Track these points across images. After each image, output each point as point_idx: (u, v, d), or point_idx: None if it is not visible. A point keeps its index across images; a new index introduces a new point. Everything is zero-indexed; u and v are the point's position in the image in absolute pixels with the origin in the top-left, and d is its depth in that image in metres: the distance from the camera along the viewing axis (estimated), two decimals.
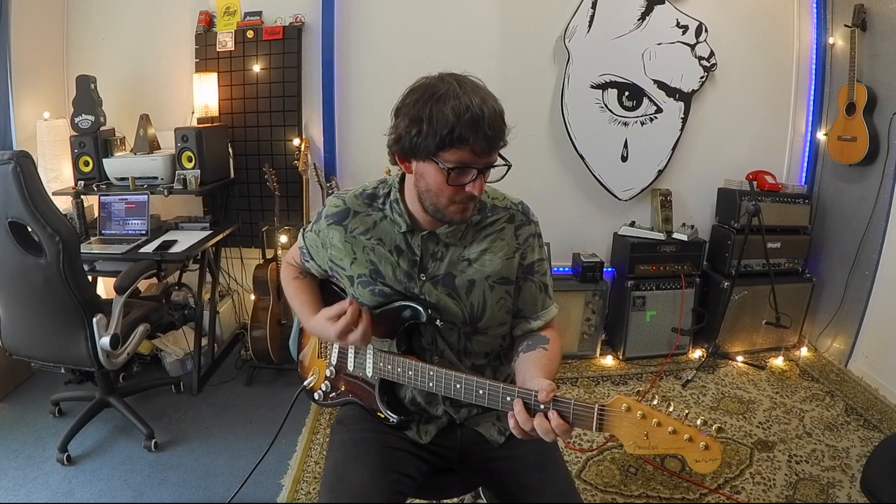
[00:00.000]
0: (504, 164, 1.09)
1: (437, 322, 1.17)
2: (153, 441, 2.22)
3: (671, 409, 0.91)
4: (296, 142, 2.90)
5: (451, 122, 0.99)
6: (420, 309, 1.15)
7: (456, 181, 1.05)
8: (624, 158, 2.99)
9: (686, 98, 2.93)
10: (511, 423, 1.00)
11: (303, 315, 1.31)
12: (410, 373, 1.16)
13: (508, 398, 1.02)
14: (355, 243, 1.22)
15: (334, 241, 1.24)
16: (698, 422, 0.89)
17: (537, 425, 0.96)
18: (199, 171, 2.66)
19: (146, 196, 2.64)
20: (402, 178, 1.19)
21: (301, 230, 1.37)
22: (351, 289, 1.25)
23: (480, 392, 1.06)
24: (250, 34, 2.88)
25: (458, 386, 1.09)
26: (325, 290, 1.39)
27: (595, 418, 0.94)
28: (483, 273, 1.18)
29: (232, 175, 3.01)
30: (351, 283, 1.24)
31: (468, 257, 1.19)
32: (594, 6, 2.81)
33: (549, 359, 1.15)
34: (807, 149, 3.11)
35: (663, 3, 2.82)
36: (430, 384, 1.13)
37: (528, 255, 1.22)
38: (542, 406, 0.97)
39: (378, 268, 1.20)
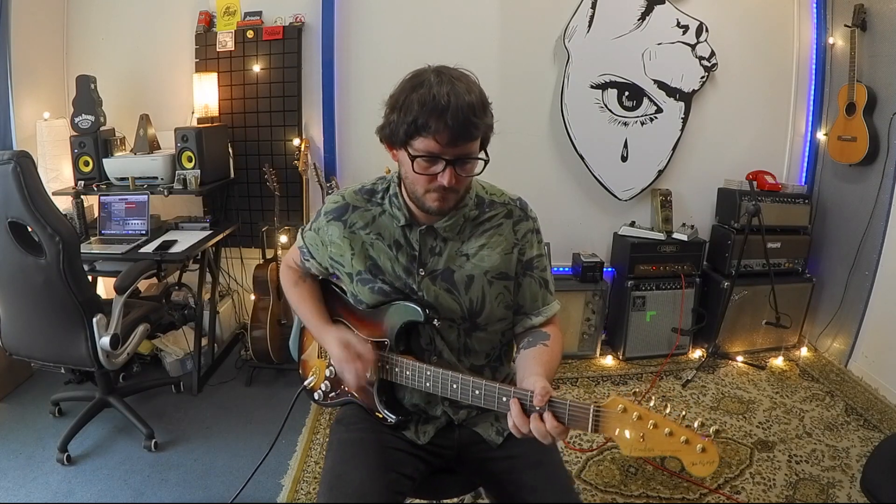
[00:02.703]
0: (481, 159, 1.09)
1: (435, 322, 1.17)
2: (153, 441, 2.22)
3: (668, 410, 0.90)
4: (296, 142, 2.90)
5: (416, 110, 1.01)
6: (418, 308, 1.15)
7: (425, 170, 1.06)
8: (624, 158, 2.99)
9: (686, 98, 2.93)
10: (509, 423, 1.00)
11: (313, 324, 1.30)
12: (408, 373, 1.16)
13: (504, 398, 1.02)
14: (354, 238, 1.22)
15: (333, 237, 1.24)
16: (696, 424, 0.88)
17: (534, 428, 0.96)
18: (199, 171, 2.66)
19: (146, 196, 2.64)
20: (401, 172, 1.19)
21: (300, 230, 1.37)
22: (350, 286, 1.25)
23: (477, 392, 1.06)
24: (250, 34, 2.88)
25: (454, 386, 1.09)
26: (325, 291, 1.39)
27: (591, 420, 0.93)
28: (481, 268, 1.18)
29: (232, 175, 3.01)
30: (350, 280, 1.24)
31: (466, 252, 1.19)
32: (594, 6, 2.81)
33: (550, 355, 1.15)
34: (807, 149, 3.11)
35: (663, 3, 2.82)
36: (428, 384, 1.13)
37: (527, 250, 1.22)
38: (537, 408, 0.97)
39: (377, 263, 1.20)
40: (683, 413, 0.90)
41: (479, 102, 1.04)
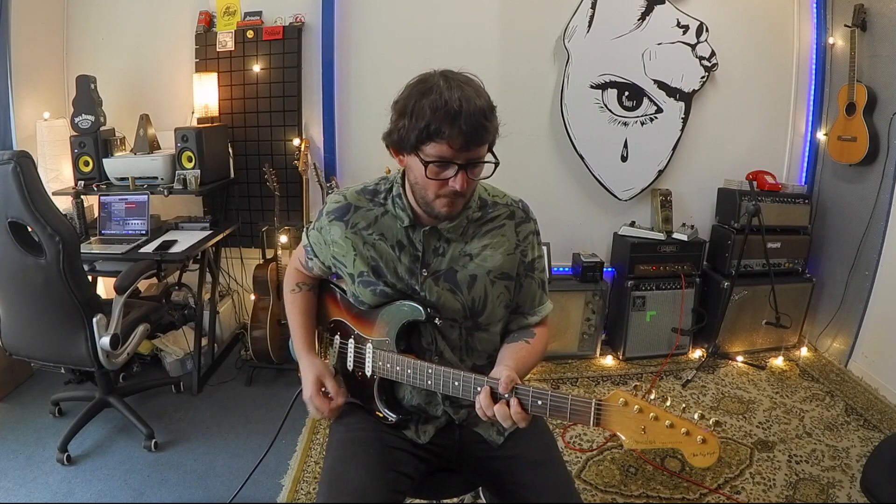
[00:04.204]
0: (491, 162, 1.10)
1: (437, 321, 1.17)
2: (153, 441, 2.22)
3: (668, 403, 0.91)
4: (296, 142, 2.90)
5: (428, 116, 1.01)
6: (419, 307, 1.16)
7: (436, 175, 1.07)
8: (624, 158, 2.99)
9: (686, 98, 2.93)
10: (476, 406, 1.06)
11: (296, 339, 1.34)
12: (409, 371, 1.16)
13: (479, 388, 1.06)
14: (356, 239, 1.22)
15: (335, 237, 1.24)
16: (695, 416, 0.89)
17: (497, 411, 1.02)
18: (199, 171, 2.66)
19: (146, 196, 2.64)
20: (405, 174, 1.19)
21: (305, 229, 1.38)
22: (352, 287, 1.25)
23: (478, 389, 1.07)
24: (250, 34, 2.88)
25: (455, 383, 1.10)
26: (326, 291, 1.39)
27: (592, 413, 0.95)
28: (484, 268, 1.19)
29: (232, 175, 3.01)
30: (352, 280, 1.24)
31: (469, 252, 1.20)
32: (594, 6, 2.81)
33: (528, 352, 1.19)
34: (807, 149, 3.11)
35: (663, 2, 2.82)
36: (429, 382, 1.13)
37: (529, 252, 1.24)
38: (505, 396, 1.02)
39: (379, 263, 1.20)
40: (683, 406, 0.91)
41: (488, 106, 1.05)
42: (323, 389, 1.25)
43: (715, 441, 0.87)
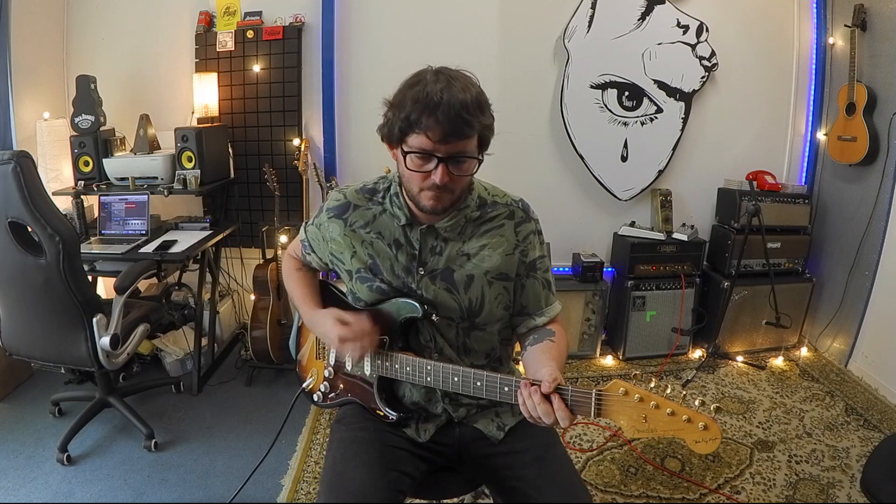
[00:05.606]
0: (475, 157, 1.08)
1: (434, 317, 1.17)
2: (153, 441, 2.22)
3: (669, 391, 0.91)
4: (296, 142, 2.90)
5: (409, 107, 1.03)
6: (416, 305, 1.16)
7: (418, 167, 1.07)
8: (624, 158, 2.99)
9: (687, 98, 2.93)
10: (520, 400, 1.00)
11: (303, 307, 1.32)
12: (408, 368, 1.16)
13: (507, 388, 1.03)
14: (354, 237, 1.22)
15: (334, 234, 1.24)
16: (696, 403, 0.89)
17: (540, 409, 0.97)
18: (199, 171, 2.66)
19: (146, 196, 2.64)
20: None
21: (303, 224, 1.38)
22: (349, 283, 1.26)
23: (478, 384, 1.07)
24: (250, 34, 2.88)
25: (455, 379, 1.10)
26: (324, 292, 1.39)
27: (593, 403, 0.95)
28: (482, 268, 1.19)
29: (232, 175, 3.01)
30: (350, 277, 1.25)
31: (467, 252, 1.19)
32: (594, 6, 2.81)
33: (558, 349, 1.16)
34: (807, 149, 3.11)
35: (663, 2, 2.82)
36: (428, 378, 1.13)
37: (530, 252, 1.23)
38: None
39: (377, 262, 1.21)
40: (684, 394, 0.91)
41: (473, 101, 1.04)
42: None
43: (716, 427, 0.87)
